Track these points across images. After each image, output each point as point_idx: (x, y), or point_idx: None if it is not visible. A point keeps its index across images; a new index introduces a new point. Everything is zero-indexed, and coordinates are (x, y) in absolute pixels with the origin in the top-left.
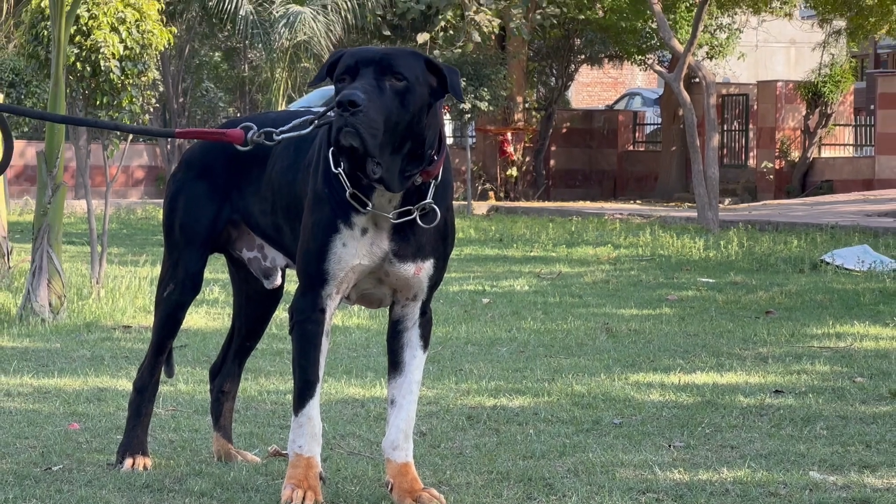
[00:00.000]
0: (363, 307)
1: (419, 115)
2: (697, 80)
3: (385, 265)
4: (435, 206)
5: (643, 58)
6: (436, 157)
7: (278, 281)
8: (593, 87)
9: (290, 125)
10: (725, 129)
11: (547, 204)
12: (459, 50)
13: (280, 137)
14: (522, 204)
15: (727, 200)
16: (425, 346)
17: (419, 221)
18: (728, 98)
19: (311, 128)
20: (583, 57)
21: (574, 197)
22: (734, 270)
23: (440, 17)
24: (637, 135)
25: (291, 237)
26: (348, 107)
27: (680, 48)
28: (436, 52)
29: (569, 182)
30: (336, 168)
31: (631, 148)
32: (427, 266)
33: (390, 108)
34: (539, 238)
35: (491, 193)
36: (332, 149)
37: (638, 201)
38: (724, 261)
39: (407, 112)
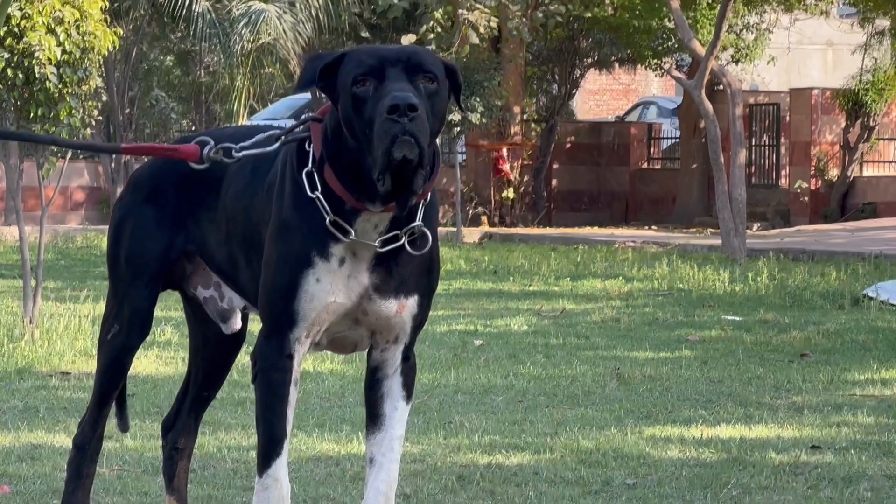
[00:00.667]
0: (334, 353)
1: (443, 120)
2: (721, 87)
3: (363, 302)
4: (426, 230)
5: (659, 62)
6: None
7: (237, 325)
8: (601, 96)
9: (253, 140)
10: (754, 143)
11: (548, 230)
12: (453, 53)
13: (241, 154)
14: (520, 230)
15: (756, 226)
16: (408, 396)
17: (408, 248)
18: (756, 108)
19: (277, 144)
20: (589, 61)
21: (579, 222)
22: (764, 307)
23: (428, 15)
24: (652, 150)
25: (248, 273)
26: (407, 111)
27: (701, 51)
28: None
29: (573, 205)
30: (313, 192)
31: (645, 165)
32: (410, 303)
33: (428, 112)
34: (539, 270)
35: (484, 218)
36: (306, 170)
37: (653, 227)
38: (753, 296)
39: (437, 118)
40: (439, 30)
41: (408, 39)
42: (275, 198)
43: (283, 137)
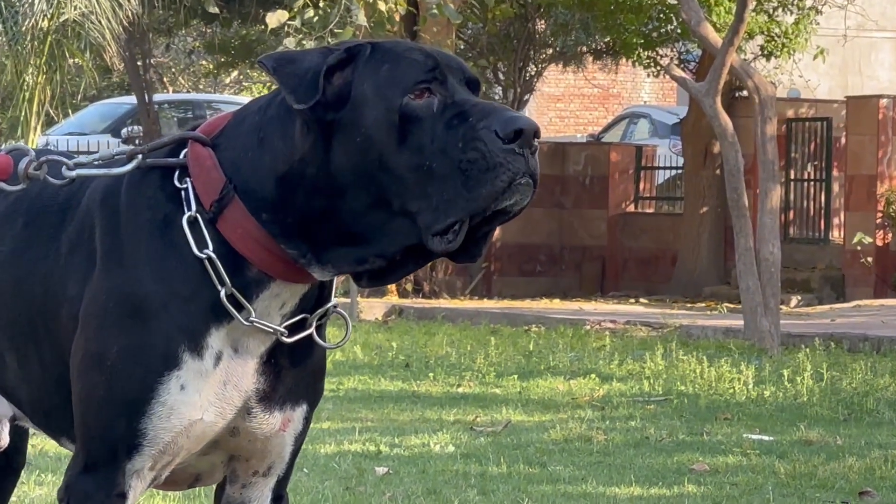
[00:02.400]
0: (164, 490)
1: None
2: (746, 93)
3: (237, 418)
4: (343, 312)
5: (652, 55)
6: None
7: (2, 440)
8: (568, 104)
9: (96, 156)
10: (793, 177)
11: (486, 303)
12: (328, 41)
13: (76, 173)
14: (444, 303)
15: (794, 300)
16: None
17: (316, 338)
18: (798, 124)
19: (132, 165)
20: (550, 52)
21: (533, 292)
22: (806, 421)
23: None
24: (642, 185)
25: (18, 375)
26: (534, 139)
27: (717, 39)
28: (290, 41)
29: (524, 266)
30: (202, 249)
31: (631, 208)
32: (297, 417)
33: None
34: (472, 362)
35: (391, 286)
36: (187, 216)
37: (643, 299)
38: (790, 404)
39: None
40: (321, 5)
41: (275, 19)
42: (101, 262)
43: (140, 157)
